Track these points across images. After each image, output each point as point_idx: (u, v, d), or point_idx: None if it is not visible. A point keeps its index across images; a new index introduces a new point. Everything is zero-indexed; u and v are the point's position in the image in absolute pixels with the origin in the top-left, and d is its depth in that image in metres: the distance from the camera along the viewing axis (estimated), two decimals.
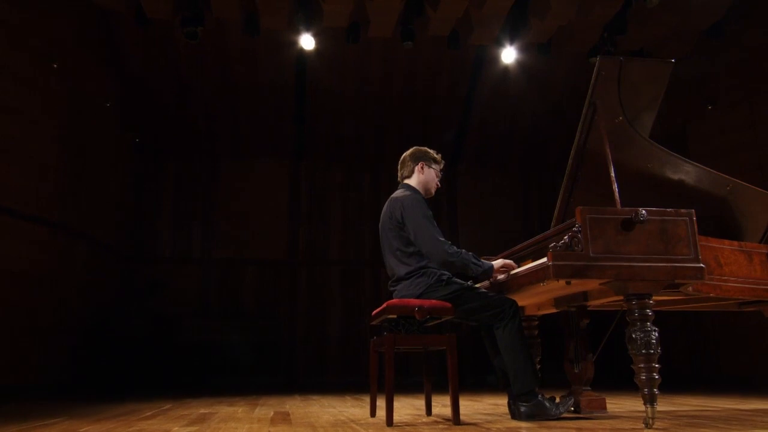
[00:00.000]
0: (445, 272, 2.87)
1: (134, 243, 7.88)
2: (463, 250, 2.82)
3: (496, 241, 7.41)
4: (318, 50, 6.84)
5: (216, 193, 8.31)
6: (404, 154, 3.15)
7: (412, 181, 3.08)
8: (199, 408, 3.77)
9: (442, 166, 3.16)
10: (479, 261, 2.83)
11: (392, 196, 3.06)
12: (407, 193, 2.99)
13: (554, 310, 3.21)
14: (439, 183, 3.14)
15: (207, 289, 7.97)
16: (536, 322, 3.41)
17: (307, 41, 6.56)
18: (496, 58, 7.16)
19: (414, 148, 3.15)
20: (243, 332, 7.62)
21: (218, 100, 7.78)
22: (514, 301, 2.77)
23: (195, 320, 7.56)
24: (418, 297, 2.80)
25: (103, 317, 6.79)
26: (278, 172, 8.51)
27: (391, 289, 3.00)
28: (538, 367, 3.20)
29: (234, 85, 7.62)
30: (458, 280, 2.86)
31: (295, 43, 6.72)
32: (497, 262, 2.87)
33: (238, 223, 8.21)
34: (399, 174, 3.15)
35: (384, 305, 2.79)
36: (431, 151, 3.13)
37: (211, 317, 7.72)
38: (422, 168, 3.07)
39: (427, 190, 3.08)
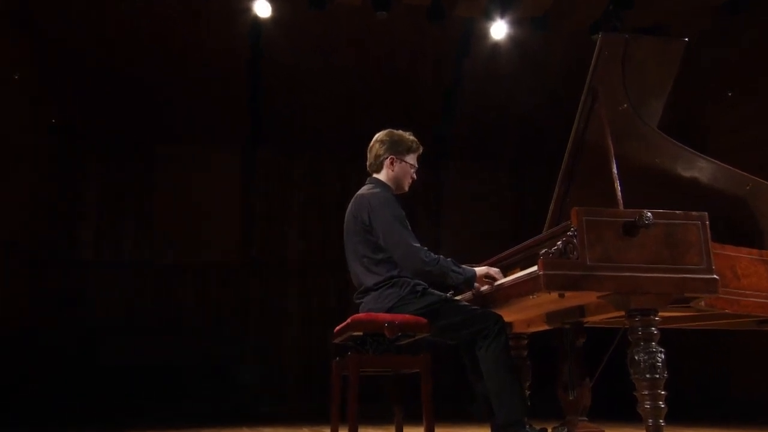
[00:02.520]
0: (421, 282, 2.86)
1: (50, 244, 7.67)
2: (441, 257, 2.81)
3: (483, 245, 7.41)
4: (275, 18, 6.77)
5: (153, 185, 8.17)
6: (374, 138, 3.13)
7: (382, 176, 3.06)
8: None
9: (420, 152, 3.13)
10: (460, 268, 2.82)
11: (358, 193, 3.04)
12: (375, 190, 2.97)
13: (546, 327, 3.22)
14: (415, 175, 3.12)
15: (140, 300, 7.83)
16: (525, 341, 3.42)
17: (262, 7, 6.50)
18: (485, 35, 7.18)
19: (386, 132, 3.13)
20: (183, 350, 7.52)
21: (157, 76, 7.64)
22: (500, 317, 2.77)
23: (125, 337, 7.42)
24: (388, 311, 2.79)
25: (10, 334, 6.61)
26: (229, 162, 8.42)
27: (358, 301, 2.98)
28: (527, 393, 3.20)
29: (176, 58, 7.49)
30: (435, 292, 2.85)
31: (248, 9, 6.65)
32: (480, 270, 2.86)
33: (180, 222, 8.08)
34: (367, 162, 3.13)
35: (348, 320, 2.77)
36: (406, 137, 3.10)
37: (144, 333, 7.58)
38: (392, 163, 3.05)
39: (398, 185, 3.07)
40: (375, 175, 3.09)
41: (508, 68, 7.85)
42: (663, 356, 2.37)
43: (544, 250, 2.43)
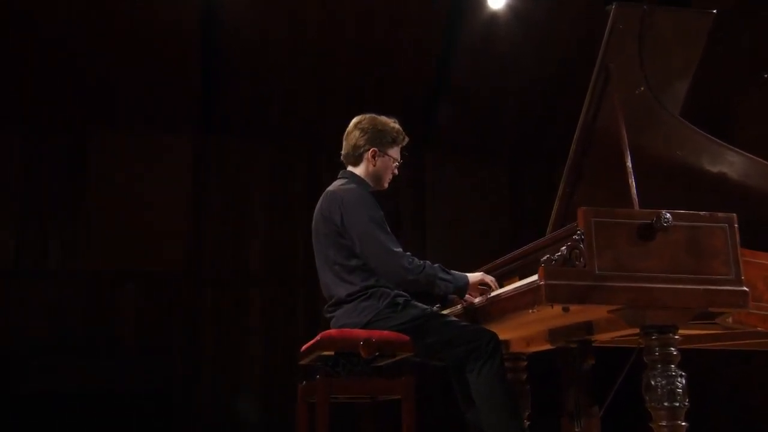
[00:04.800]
0: (402, 293, 2.87)
1: None
2: (427, 263, 2.82)
3: (476, 248, 7.44)
4: None
5: (84, 178, 8.07)
6: (354, 123, 3.13)
7: (359, 170, 3.07)
8: None
9: (405, 143, 3.14)
10: (450, 274, 2.84)
11: (329, 189, 3.04)
12: (350, 185, 2.98)
13: (548, 347, 3.24)
14: (397, 170, 3.13)
15: (66, 315, 7.73)
16: (524, 363, 3.45)
17: None
18: (480, 4, 7.21)
19: (368, 118, 3.13)
20: (119, 376, 7.45)
21: (91, 48, 7.57)
22: (495, 334, 2.79)
23: (47, 359, 7.31)
24: (364, 326, 2.80)
25: None
26: (177, 150, 8.35)
27: (328, 315, 2.99)
28: (527, 423, 3.22)
29: (114, 28, 7.43)
30: (419, 304, 2.87)
31: None
32: (474, 277, 2.88)
33: (116, 222, 8.00)
34: (342, 152, 3.12)
35: (317, 337, 2.77)
36: (390, 125, 3.11)
37: (71, 355, 7.49)
38: (374, 156, 3.06)
39: (378, 181, 3.08)
40: (350, 168, 3.10)
41: (506, 46, 7.90)
42: (684, 381, 2.39)
43: (545, 257, 2.45)
